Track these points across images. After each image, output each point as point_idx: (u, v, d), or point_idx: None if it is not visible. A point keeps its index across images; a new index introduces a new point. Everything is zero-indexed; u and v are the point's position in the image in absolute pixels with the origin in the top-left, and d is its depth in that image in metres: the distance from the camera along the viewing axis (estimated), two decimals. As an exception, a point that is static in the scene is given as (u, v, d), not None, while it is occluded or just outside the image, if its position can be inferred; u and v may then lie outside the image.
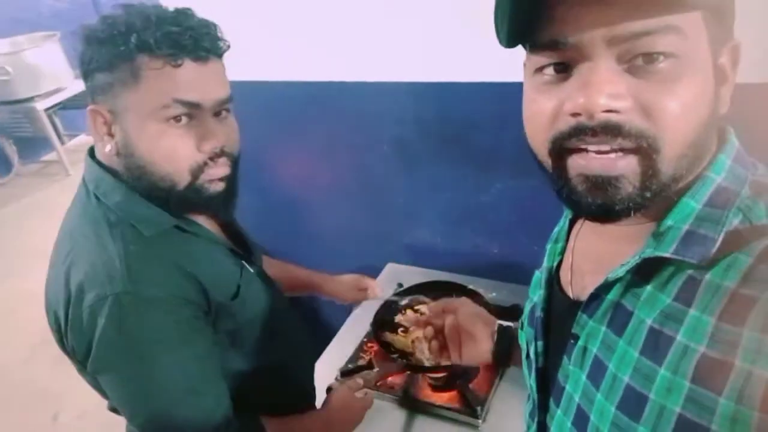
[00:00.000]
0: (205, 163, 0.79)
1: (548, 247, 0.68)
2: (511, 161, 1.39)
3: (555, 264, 0.65)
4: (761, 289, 0.41)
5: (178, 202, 0.80)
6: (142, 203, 0.79)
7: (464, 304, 0.91)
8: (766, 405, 0.39)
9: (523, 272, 1.50)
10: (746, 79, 0.53)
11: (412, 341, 1.32)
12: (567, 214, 0.67)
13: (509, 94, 1.25)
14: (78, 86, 4.33)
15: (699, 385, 0.42)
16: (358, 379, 1.13)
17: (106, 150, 0.78)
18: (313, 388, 1.10)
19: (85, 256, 0.76)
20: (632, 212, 0.46)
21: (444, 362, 1.21)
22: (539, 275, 0.68)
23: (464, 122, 1.41)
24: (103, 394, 0.84)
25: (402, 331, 1.37)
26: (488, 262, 1.58)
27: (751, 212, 0.45)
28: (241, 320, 0.87)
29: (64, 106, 4.38)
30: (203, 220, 0.90)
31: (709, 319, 0.42)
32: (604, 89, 0.42)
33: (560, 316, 0.61)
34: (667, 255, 0.46)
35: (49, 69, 4.12)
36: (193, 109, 0.76)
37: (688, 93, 0.42)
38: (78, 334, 0.74)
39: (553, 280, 0.64)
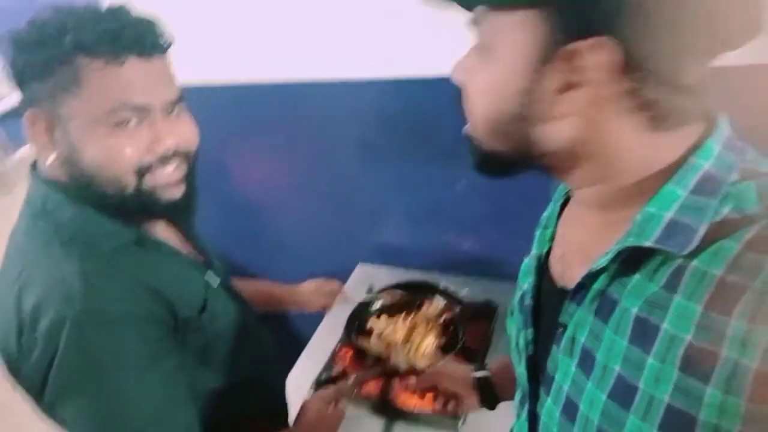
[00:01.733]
0: (152, 165, 0.73)
1: (537, 233, 0.66)
2: (477, 155, 1.38)
3: (544, 251, 0.64)
4: (749, 277, 0.40)
5: (133, 209, 0.75)
6: (95, 217, 0.73)
7: (440, 373, 0.97)
8: (754, 395, 0.38)
9: (494, 267, 1.52)
10: (737, 61, 0.52)
11: (387, 345, 1.29)
12: (557, 199, 0.66)
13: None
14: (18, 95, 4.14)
15: (686, 374, 0.42)
16: (328, 391, 1.10)
17: (48, 160, 0.71)
18: (286, 403, 1.06)
19: (37, 278, 0.69)
20: (491, 166, 0.56)
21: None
22: (528, 262, 0.67)
23: (428, 118, 1.39)
24: (64, 427, 0.78)
25: (377, 335, 1.34)
26: (459, 258, 1.57)
27: (741, 199, 0.44)
28: (210, 335, 0.82)
29: (6, 115, 4.17)
30: (163, 231, 0.85)
31: (696, 307, 0.42)
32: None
33: (549, 304, 0.60)
34: (648, 245, 0.45)
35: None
36: (142, 112, 0.71)
37: (484, 77, 0.50)
38: (33, 361, 0.68)
39: (543, 267, 0.63)
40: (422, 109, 1.38)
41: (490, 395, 0.88)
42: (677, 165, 0.46)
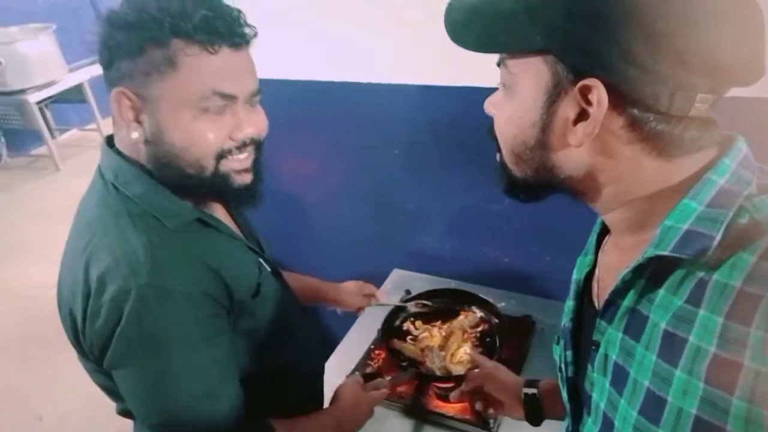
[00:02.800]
0: (230, 150, 0.76)
1: (578, 260, 0.69)
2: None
3: (584, 276, 0.66)
4: (765, 287, 0.41)
5: (206, 190, 0.78)
6: (164, 194, 0.76)
7: (489, 378, 0.97)
8: None
9: (533, 282, 1.51)
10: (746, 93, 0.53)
11: (422, 349, 1.29)
12: (595, 229, 0.68)
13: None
14: (71, 80, 4.27)
15: (712, 386, 0.42)
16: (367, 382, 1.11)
17: (132, 137, 0.74)
18: (322, 390, 1.07)
19: (105, 248, 0.72)
20: (517, 194, 0.61)
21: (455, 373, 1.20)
22: (571, 288, 0.69)
23: (478, 128, 1.38)
24: (114, 396, 0.80)
25: (411, 339, 1.34)
26: (498, 271, 1.56)
27: (758, 211, 0.45)
28: (260, 319, 0.84)
29: (56, 99, 4.30)
30: (222, 215, 0.87)
31: (718, 319, 0.43)
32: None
33: (587, 326, 0.62)
34: (665, 253, 0.47)
35: (43, 61, 4.05)
36: (229, 101, 0.74)
37: (506, 112, 0.56)
38: (97, 327, 0.70)
39: (583, 292, 0.65)
40: (472, 119, 1.37)
41: (537, 413, 0.89)
42: (693, 181, 0.49)
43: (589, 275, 0.65)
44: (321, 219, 1.80)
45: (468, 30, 0.55)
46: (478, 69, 1.30)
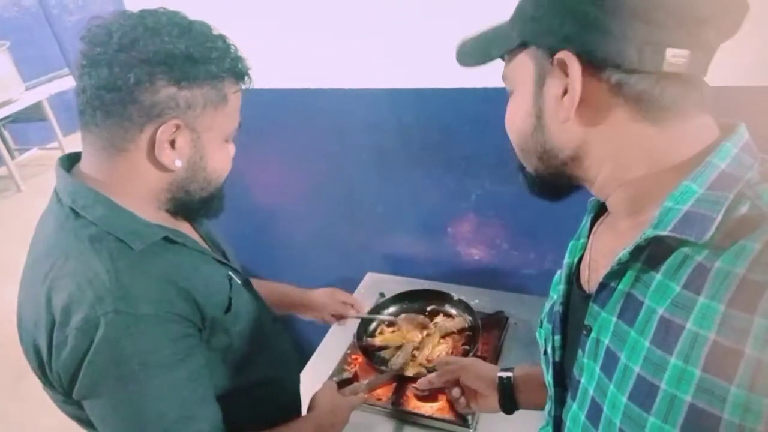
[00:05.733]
0: None
1: (570, 243, 0.69)
2: (491, 167, 1.40)
3: (575, 260, 0.66)
4: None
5: (197, 208, 0.83)
6: (128, 216, 0.74)
7: (465, 368, 0.97)
8: None
9: (505, 279, 1.53)
10: (744, 82, 0.55)
11: (398, 350, 1.30)
12: (589, 212, 0.68)
13: (486, 99, 1.27)
14: (29, 98, 4.16)
15: (710, 374, 0.42)
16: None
17: (176, 164, 0.75)
18: (299, 400, 1.07)
19: (67, 276, 0.70)
20: (535, 189, 0.63)
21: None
22: (559, 272, 0.69)
23: (444, 128, 1.41)
24: (86, 425, 0.78)
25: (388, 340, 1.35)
26: (470, 269, 1.58)
27: (760, 198, 0.45)
28: (233, 334, 0.83)
29: (14, 119, 4.19)
30: (186, 230, 0.86)
31: (719, 306, 0.42)
32: None
33: (576, 310, 0.62)
34: (665, 233, 0.46)
35: (-2, 80, 3.94)
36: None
37: (511, 107, 0.61)
38: (64, 358, 0.68)
39: (573, 276, 0.65)
40: (438, 120, 1.40)
41: (510, 398, 0.89)
42: (693, 164, 0.49)
43: (580, 259, 0.65)
44: (292, 226, 1.79)
45: (470, 54, 0.62)
46: (439, 71, 1.32)
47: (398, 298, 1.48)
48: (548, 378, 0.68)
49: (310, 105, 1.50)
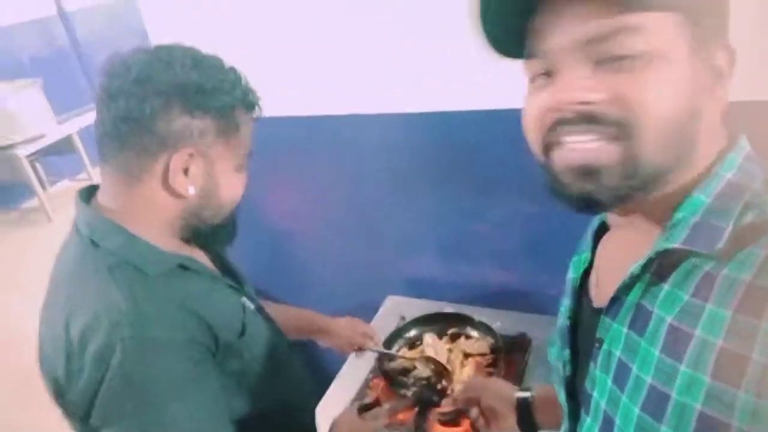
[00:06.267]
0: None
1: (574, 258, 0.68)
2: (510, 188, 1.39)
3: (580, 274, 0.65)
4: None
5: (211, 235, 0.84)
6: (143, 244, 0.76)
7: (486, 387, 0.97)
8: None
9: (527, 300, 1.51)
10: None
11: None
12: (591, 226, 0.67)
13: (504, 120, 1.27)
14: (60, 132, 4.31)
15: (718, 380, 0.42)
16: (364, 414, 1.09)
17: (190, 192, 0.77)
18: (315, 428, 1.06)
19: (85, 303, 0.71)
20: (619, 201, 0.49)
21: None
22: (565, 288, 0.68)
23: (461, 150, 1.41)
24: None
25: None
26: (491, 291, 1.56)
27: (766, 206, 0.45)
28: (248, 359, 0.83)
29: (46, 152, 4.33)
30: (200, 257, 0.88)
31: (726, 313, 0.42)
32: (577, 85, 0.47)
33: (586, 325, 0.61)
34: (676, 245, 0.46)
35: (31, 116, 4.09)
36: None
37: (662, 86, 0.45)
38: (81, 385, 0.69)
39: (580, 290, 0.65)
40: (454, 142, 1.40)
41: (529, 419, 0.87)
42: (703, 176, 0.49)
43: (585, 274, 0.65)
44: (312, 250, 1.79)
45: None
46: (452, 94, 1.34)
47: (419, 322, 1.47)
48: (561, 396, 0.67)
49: (327, 131, 1.52)
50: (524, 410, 0.88)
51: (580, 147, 0.48)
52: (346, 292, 1.74)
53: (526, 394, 0.88)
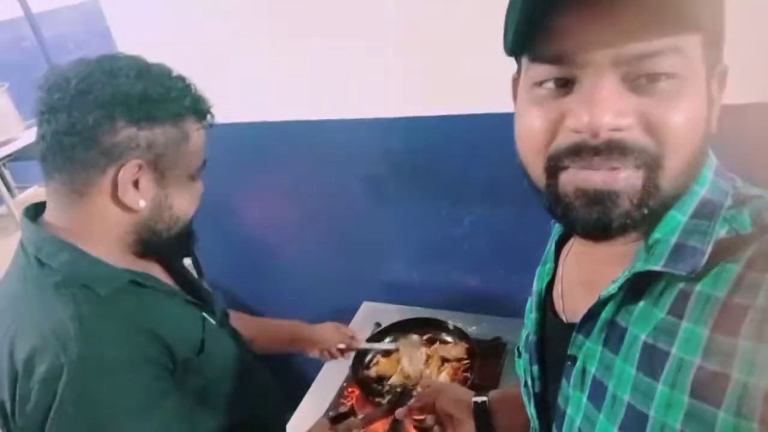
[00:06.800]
0: None
1: (538, 270, 0.66)
2: (483, 192, 1.39)
3: (544, 286, 0.64)
4: (752, 298, 0.40)
5: (168, 247, 0.81)
6: (92, 261, 0.73)
7: (442, 392, 0.94)
8: (765, 416, 0.37)
9: (502, 304, 1.51)
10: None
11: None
12: (553, 237, 0.66)
13: (476, 126, 1.27)
14: (29, 137, 4.20)
15: (697, 399, 0.41)
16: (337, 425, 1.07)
17: (140, 205, 0.74)
18: None
19: (30, 325, 0.68)
20: (628, 229, 0.45)
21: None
22: (530, 300, 0.67)
23: (433, 156, 1.40)
24: None
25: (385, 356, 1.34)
26: (466, 295, 1.55)
27: (736, 222, 0.45)
28: (209, 376, 0.81)
29: (14, 157, 4.22)
30: (158, 272, 0.85)
31: (703, 331, 0.41)
32: (609, 107, 0.42)
33: (554, 339, 0.60)
34: (657, 268, 0.45)
35: (-2, 120, 3.98)
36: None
37: (689, 111, 0.42)
38: (29, 411, 0.66)
39: (545, 303, 0.63)
40: (426, 147, 1.39)
41: (486, 423, 0.86)
42: (678, 194, 0.47)
43: (549, 285, 0.63)
44: (286, 257, 1.77)
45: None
46: (426, 99, 1.33)
47: (393, 328, 1.46)
48: (531, 410, 0.65)
49: (297, 136, 1.50)
50: (481, 415, 0.86)
51: (602, 171, 0.43)
52: (322, 298, 1.73)
53: (483, 398, 0.87)
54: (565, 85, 0.45)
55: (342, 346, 1.29)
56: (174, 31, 1.46)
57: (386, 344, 1.42)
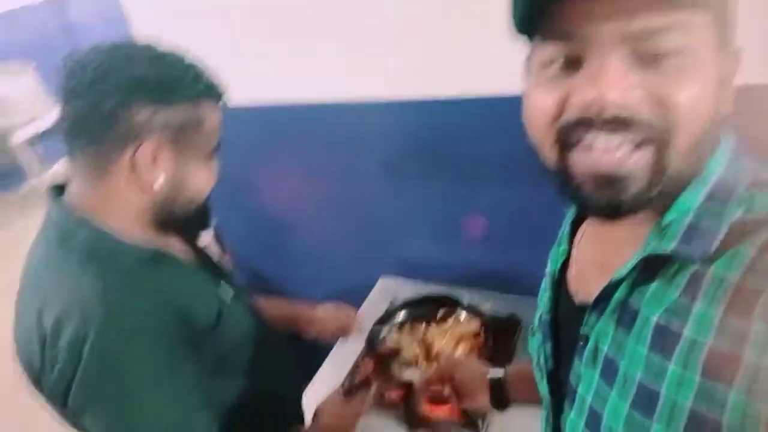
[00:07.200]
0: None
1: (552, 251, 0.67)
2: (499, 170, 1.39)
3: (558, 267, 0.64)
4: (766, 281, 0.40)
5: (184, 223, 0.84)
6: (114, 236, 0.76)
7: (459, 365, 0.98)
8: None
9: (517, 281, 1.51)
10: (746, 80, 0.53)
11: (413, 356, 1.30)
12: (568, 218, 0.66)
13: (493, 107, 1.27)
14: (55, 116, 4.28)
15: (709, 379, 0.41)
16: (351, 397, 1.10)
17: (156, 185, 0.77)
18: (302, 413, 1.07)
19: (57, 295, 0.72)
20: (640, 208, 0.46)
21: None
22: (545, 280, 0.68)
23: (451, 136, 1.40)
24: None
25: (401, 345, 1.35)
26: (482, 273, 1.56)
27: (752, 204, 0.44)
28: (226, 346, 0.84)
29: (43, 135, 4.31)
30: (178, 247, 0.88)
31: (715, 312, 0.42)
32: (615, 84, 0.42)
33: (568, 319, 0.60)
34: (668, 251, 0.45)
35: (25, 99, 4.06)
36: None
37: (697, 87, 0.42)
38: (56, 373, 0.70)
39: (558, 283, 0.64)
40: (445, 127, 1.40)
41: (501, 397, 0.89)
42: (693, 175, 0.47)
43: (563, 266, 0.64)
44: (306, 235, 1.80)
45: None
46: (442, 81, 1.33)
47: (408, 304, 1.47)
48: (543, 388, 0.66)
49: (316, 118, 1.52)
50: (497, 389, 0.89)
51: (610, 154, 0.44)
52: (340, 274, 1.76)
53: (500, 374, 0.89)
54: (573, 65, 0.45)
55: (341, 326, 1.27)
56: (191, 17, 1.48)
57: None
